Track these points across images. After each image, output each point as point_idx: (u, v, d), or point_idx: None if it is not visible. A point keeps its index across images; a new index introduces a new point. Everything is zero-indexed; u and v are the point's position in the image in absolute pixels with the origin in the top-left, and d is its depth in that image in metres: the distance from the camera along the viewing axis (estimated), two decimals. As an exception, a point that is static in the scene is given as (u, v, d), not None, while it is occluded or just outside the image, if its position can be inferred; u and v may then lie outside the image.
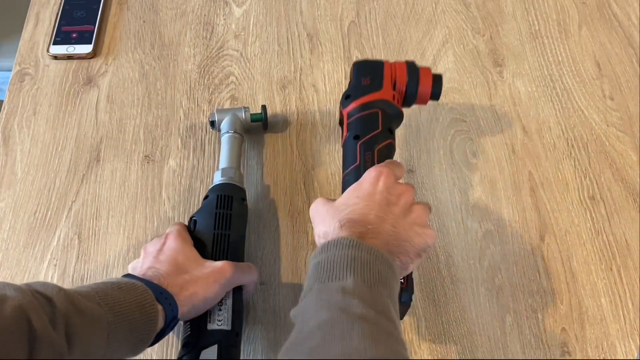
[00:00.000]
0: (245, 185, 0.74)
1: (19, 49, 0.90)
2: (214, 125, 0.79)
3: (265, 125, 0.81)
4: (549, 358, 0.66)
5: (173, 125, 0.83)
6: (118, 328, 0.52)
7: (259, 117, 0.80)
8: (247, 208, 0.72)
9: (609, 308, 0.69)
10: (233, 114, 0.78)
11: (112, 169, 0.79)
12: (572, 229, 0.74)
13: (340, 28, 0.93)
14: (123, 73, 0.88)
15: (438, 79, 0.68)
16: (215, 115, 0.78)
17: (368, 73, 0.67)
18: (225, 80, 0.87)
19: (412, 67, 0.68)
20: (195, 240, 0.65)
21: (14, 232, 0.74)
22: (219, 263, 0.62)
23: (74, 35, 0.90)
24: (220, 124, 0.78)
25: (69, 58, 0.89)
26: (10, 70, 0.88)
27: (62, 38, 0.90)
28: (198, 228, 0.66)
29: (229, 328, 0.61)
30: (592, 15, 0.94)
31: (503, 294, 0.70)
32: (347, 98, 0.66)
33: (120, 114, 0.84)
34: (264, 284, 0.70)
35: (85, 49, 0.89)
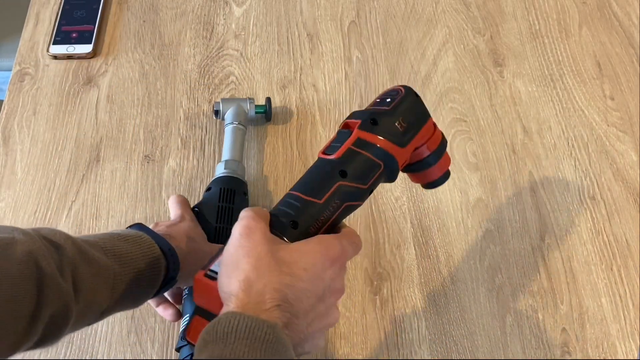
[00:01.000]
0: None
1: (19, 49, 0.90)
2: (218, 115, 0.79)
3: (269, 117, 0.81)
4: (550, 358, 0.66)
5: (173, 125, 0.83)
6: (124, 279, 0.52)
7: (263, 109, 0.80)
8: (248, 202, 0.72)
9: (609, 308, 0.69)
10: (238, 105, 0.79)
11: (112, 169, 0.79)
12: (572, 229, 0.74)
13: (341, 28, 0.92)
14: (123, 73, 0.88)
15: (447, 173, 0.58)
16: (220, 105, 0.79)
17: (408, 117, 0.53)
18: (226, 80, 0.87)
19: (444, 144, 0.57)
20: None
21: (14, 232, 0.74)
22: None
23: (74, 35, 0.90)
24: (225, 114, 0.79)
25: (69, 58, 0.89)
26: (10, 70, 0.88)
27: (62, 38, 0.90)
28: (199, 220, 0.67)
29: None
30: (592, 15, 0.94)
31: (503, 294, 0.70)
32: (373, 123, 0.52)
33: (120, 114, 0.84)
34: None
35: (85, 49, 0.89)
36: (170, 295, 0.64)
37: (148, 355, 0.65)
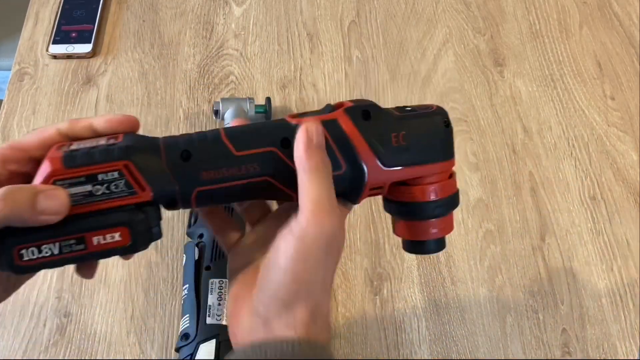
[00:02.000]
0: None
1: (19, 48, 0.90)
2: (218, 115, 0.79)
3: (269, 117, 0.81)
4: (550, 358, 0.66)
5: (173, 125, 0.83)
6: None
7: (263, 109, 0.80)
8: None
9: (610, 308, 0.69)
10: (238, 105, 0.79)
11: (111, 169, 0.79)
12: (572, 229, 0.74)
13: (341, 27, 0.92)
14: (122, 72, 0.88)
15: (442, 242, 0.45)
16: (220, 105, 0.79)
17: (414, 138, 0.42)
18: (225, 80, 0.87)
19: (453, 201, 0.44)
20: None
21: (13, 232, 0.74)
22: None
23: (74, 35, 0.90)
24: (225, 114, 0.78)
25: (69, 57, 0.89)
26: (10, 70, 0.88)
27: (61, 37, 0.90)
28: (199, 221, 0.67)
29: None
30: (592, 15, 0.93)
31: (503, 294, 0.70)
32: (364, 116, 0.41)
33: (120, 114, 0.84)
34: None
35: (85, 49, 0.88)
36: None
37: (147, 356, 0.65)
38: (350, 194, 0.41)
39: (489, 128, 0.82)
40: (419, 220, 0.44)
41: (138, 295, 0.69)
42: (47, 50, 0.89)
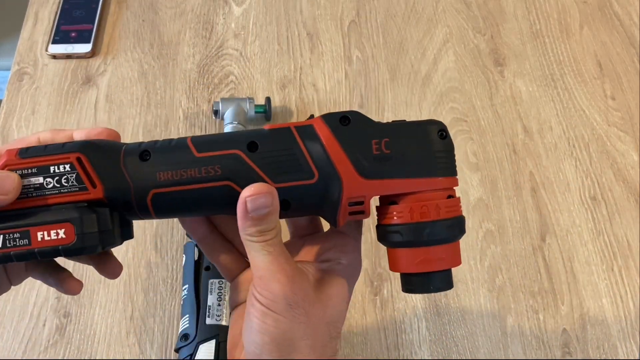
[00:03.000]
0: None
1: (18, 48, 0.90)
2: (218, 114, 0.79)
3: (269, 117, 0.81)
4: (550, 359, 0.66)
5: (172, 125, 0.83)
6: None
7: (263, 109, 0.80)
8: None
9: (610, 309, 0.69)
10: (237, 105, 0.79)
11: (111, 169, 0.79)
12: (573, 229, 0.74)
13: (341, 27, 0.92)
14: (122, 72, 0.87)
15: (446, 277, 0.39)
16: (220, 105, 0.79)
17: (399, 144, 0.37)
18: (225, 80, 0.87)
19: (456, 226, 0.39)
20: None
21: (13, 232, 0.74)
22: None
23: (73, 35, 0.90)
24: (224, 114, 0.78)
25: (68, 57, 0.88)
26: (9, 70, 0.88)
27: (61, 37, 0.89)
28: None
29: (228, 324, 0.61)
30: (593, 15, 0.93)
31: (504, 295, 0.69)
32: (342, 122, 0.38)
33: (120, 114, 0.84)
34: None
35: (84, 48, 0.88)
36: None
37: (147, 356, 0.65)
38: (326, 209, 0.38)
39: (489, 128, 0.82)
40: (401, 248, 0.38)
41: (137, 296, 0.69)
42: (46, 50, 0.89)
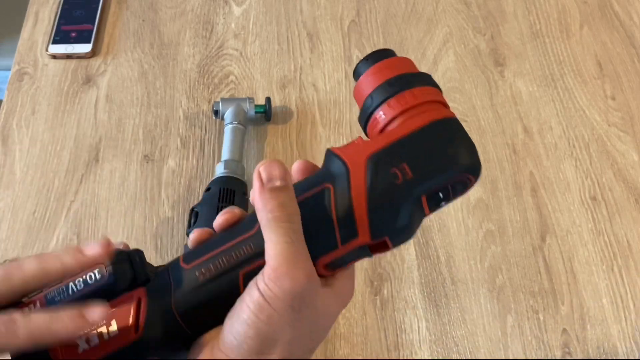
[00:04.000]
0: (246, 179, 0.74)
1: (18, 48, 0.90)
2: (218, 115, 0.79)
3: (269, 117, 0.81)
4: (550, 359, 0.66)
5: (172, 125, 0.83)
6: None
7: (263, 109, 0.80)
8: (248, 202, 0.72)
9: (610, 309, 0.68)
10: (238, 105, 0.79)
11: (111, 169, 0.79)
12: (573, 230, 0.74)
13: (341, 27, 0.92)
14: (122, 72, 0.88)
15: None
16: (220, 105, 0.79)
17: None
18: (225, 80, 0.87)
19: None
20: None
21: (13, 232, 0.74)
22: None
23: (73, 35, 0.90)
24: (224, 114, 0.79)
25: (68, 57, 0.88)
26: (9, 70, 0.88)
27: (61, 37, 0.89)
28: (199, 221, 0.67)
29: None
30: (593, 15, 0.93)
31: (504, 295, 0.69)
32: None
33: (120, 114, 0.84)
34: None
35: (85, 48, 0.88)
36: None
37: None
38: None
39: (490, 128, 0.82)
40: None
41: (138, 296, 0.69)
42: (46, 50, 0.89)
